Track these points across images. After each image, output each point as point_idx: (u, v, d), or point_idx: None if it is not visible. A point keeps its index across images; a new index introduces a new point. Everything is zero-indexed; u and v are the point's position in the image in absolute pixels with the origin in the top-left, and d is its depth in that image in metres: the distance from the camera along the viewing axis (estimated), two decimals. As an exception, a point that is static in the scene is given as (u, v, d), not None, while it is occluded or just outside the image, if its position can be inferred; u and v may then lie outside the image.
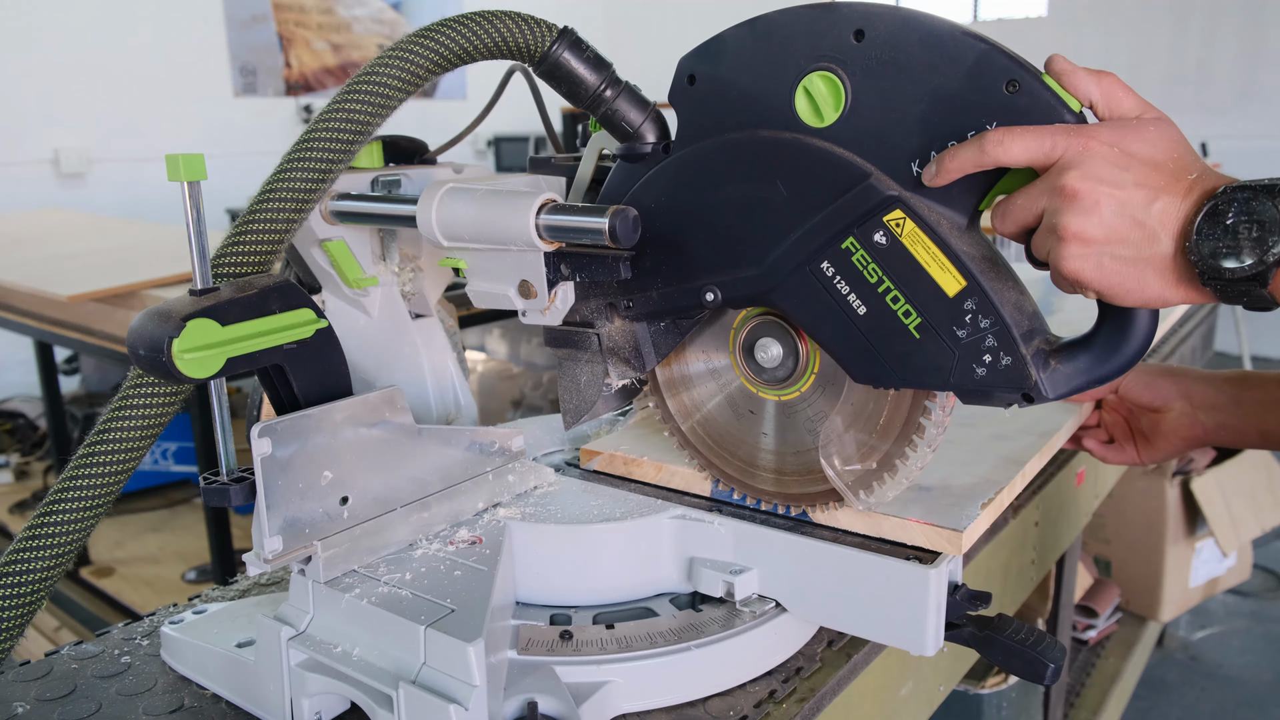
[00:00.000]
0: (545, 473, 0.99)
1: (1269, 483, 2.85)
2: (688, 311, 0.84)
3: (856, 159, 0.73)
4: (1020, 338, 0.70)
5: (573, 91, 0.83)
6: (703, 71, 0.80)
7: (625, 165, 0.85)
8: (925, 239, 0.71)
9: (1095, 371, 0.71)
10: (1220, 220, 0.64)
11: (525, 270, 0.83)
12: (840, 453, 0.82)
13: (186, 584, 2.88)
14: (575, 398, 0.92)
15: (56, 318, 2.56)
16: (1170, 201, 0.66)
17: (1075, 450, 1.44)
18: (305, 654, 0.77)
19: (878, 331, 0.75)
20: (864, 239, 0.73)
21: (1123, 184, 0.66)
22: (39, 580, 0.76)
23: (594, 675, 0.77)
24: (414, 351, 0.98)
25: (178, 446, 3.49)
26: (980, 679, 1.92)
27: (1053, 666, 0.79)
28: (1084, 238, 0.67)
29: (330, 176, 0.80)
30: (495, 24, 0.80)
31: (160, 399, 0.76)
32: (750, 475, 0.90)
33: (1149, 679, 2.97)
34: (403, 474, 0.85)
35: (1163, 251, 0.66)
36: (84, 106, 5.34)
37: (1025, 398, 0.72)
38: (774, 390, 0.88)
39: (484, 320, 2.83)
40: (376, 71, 0.79)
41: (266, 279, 0.76)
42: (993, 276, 0.71)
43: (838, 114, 0.74)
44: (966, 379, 0.72)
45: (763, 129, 0.77)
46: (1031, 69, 0.69)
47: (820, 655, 0.87)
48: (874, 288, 0.74)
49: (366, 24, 6.83)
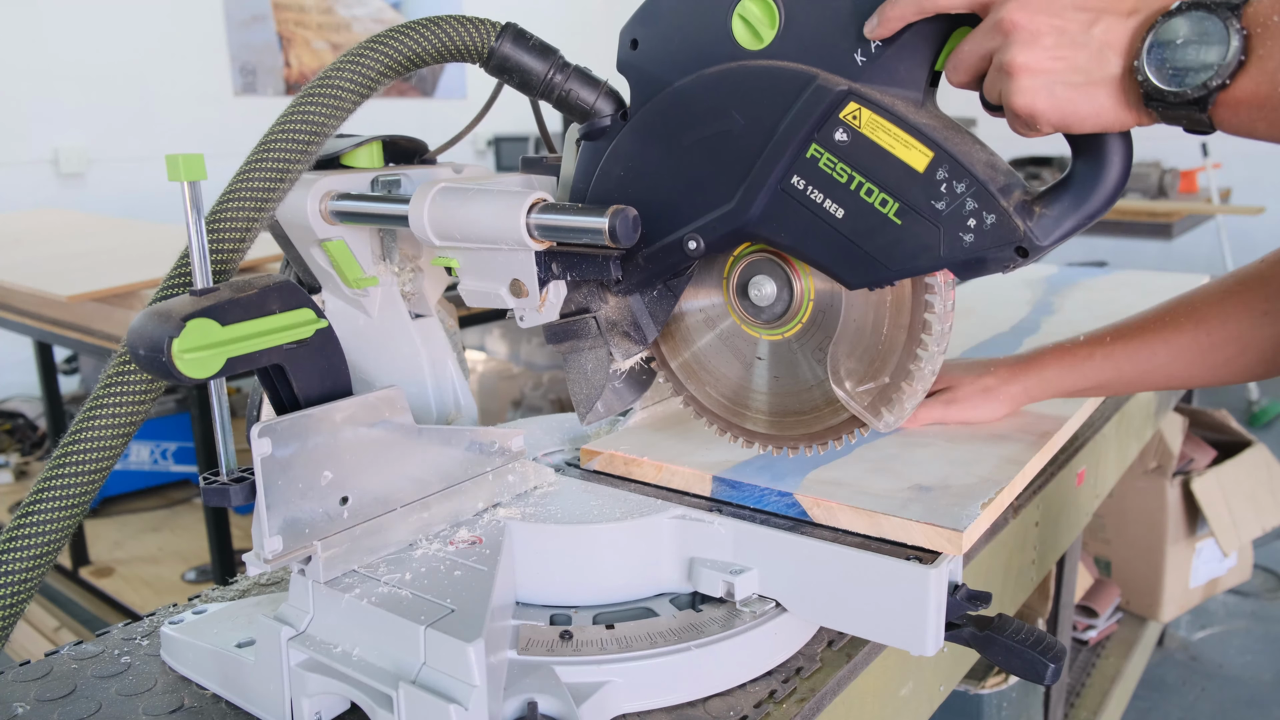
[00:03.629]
0: (545, 473, 0.99)
1: (1269, 483, 2.85)
2: (675, 267, 0.84)
3: (801, 66, 0.74)
4: (998, 193, 0.70)
5: (525, 82, 0.84)
6: (643, 33, 0.82)
7: (589, 144, 0.86)
8: (884, 122, 0.71)
9: (1081, 210, 0.70)
10: (1170, 37, 0.63)
11: (516, 269, 0.83)
12: (851, 375, 0.81)
13: (186, 584, 2.88)
14: (585, 386, 0.91)
15: (56, 318, 2.56)
16: (1113, 21, 0.65)
17: (1075, 450, 1.44)
18: (305, 654, 0.77)
19: (860, 229, 0.74)
20: (826, 141, 0.73)
21: (1060, 10, 0.65)
22: (22, 580, 0.77)
23: (594, 675, 0.77)
24: (414, 351, 0.98)
25: (178, 446, 3.49)
26: (980, 679, 1.92)
27: (1053, 666, 0.79)
28: (1031, 68, 0.66)
29: (289, 179, 0.82)
30: (441, 28, 0.83)
31: (134, 397, 0.78)
32: (775, 424, 0.90)
33: (1149, 679, 2.97)
34: (403, 474, 0.85)
35: (1111, 72, 0.65)
36: (84, 106, 5.33)
37: (1019, 251, 0.70)
38: (774, 330, 0.87)
39: (484, 320, 2.83)
40: (330, 78, 0.82)
41: (266, 279, 0.76)
42: (958, 141, 0.71)
43: (774, 30, 0.75)
44: (957, 250, 0.72)
45: (708, 67, 0.78)
46: None
47: (820, 655, 0.87)
48: (846, 186, 0.74)
49: (366, 24, 6.83)
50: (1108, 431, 1.60)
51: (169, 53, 5.70)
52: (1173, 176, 4.72)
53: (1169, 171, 4.70)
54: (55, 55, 5.20)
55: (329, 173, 0.92)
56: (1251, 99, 0.62)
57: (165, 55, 5.68)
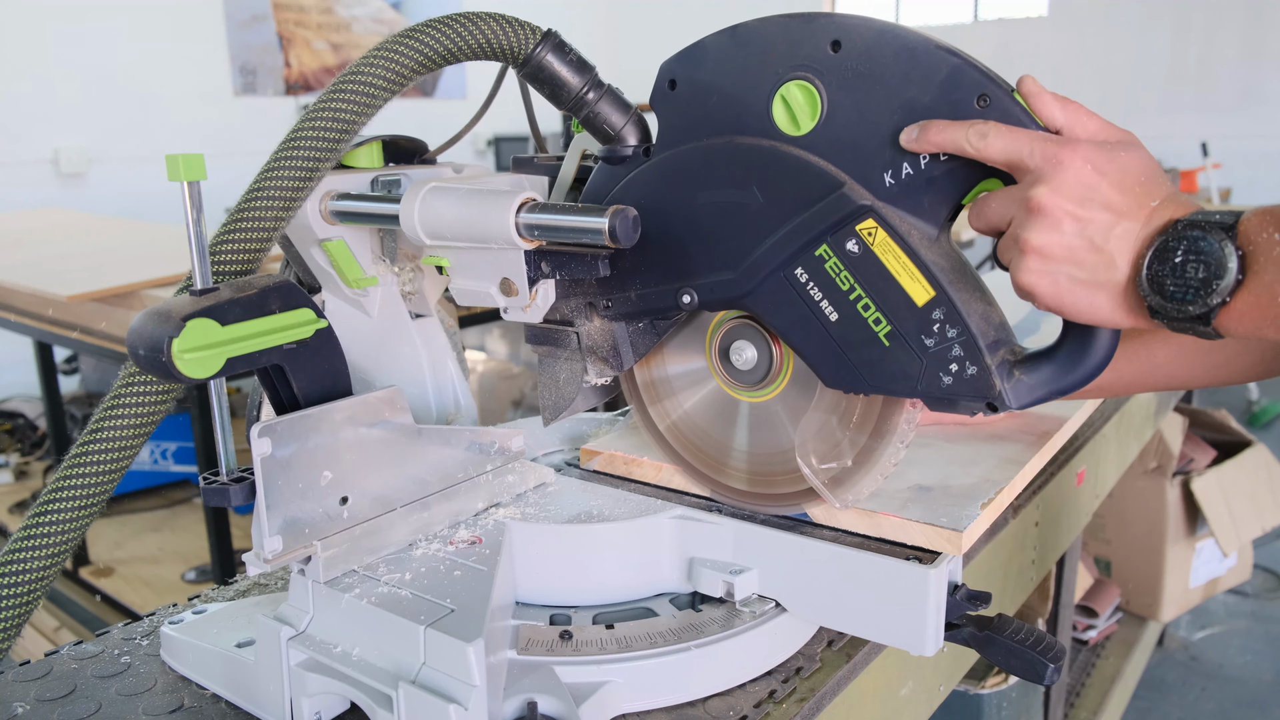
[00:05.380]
0: (545, 473, 0.99)
1: (1269, 483, 2.85)
2: (665, 313, 0.85)
3: (831, 168, 0.74)
4: (986, 348, 0.71)
5: (555, 93, 0.83)
6: (683, 76, 0.81)
7: (606, 167, 0.85)
8: (896, 248, 0.72)
9: (1058, 383, 0.72)
10: (1169, 258, 0.64)
11: (506, 268, 0.84)
12: (816, 450, 0.83)
13: (186, 584, 2.88)
14: (554, 394, 0.92)
15: (56, 318, 2.55)
16: (1130, 228, 0.66)
17: (1075, 450, 1.44)
18: (305, 654, 0.77)
19: (849, 338, 0.76)
20: (837, 247, 0.74)
21: (1089, 205, 0.66)
22: (35, 579, 0.76)
23: (594, 675, 0.77)
24: (414, 351, 0.98)
25: (178, 446, 3.49)
26: (980, 679, 1.92)
27: (1053, 666, 0.79)
28: (1044, 253, 0.67)
29: (317, 175, 0.80)
30: (480, 25, 0.81)
31: (152, 398, 0.77)
32: (726, 476, 0.91)
33: (1149, 679, 2.97)
34: (403, 474, 0.85)
35: (1117, 279, 0.66)
36: (84, 106, 5.34)
37: (989, 407, 0.73)
38: (750, 392, 0.88)
39: (484, 320, 2.83)
40: (362, 71, 0.80)
41: (266, 279, 0.76)
42: (961, 287, 0.72)
43: (814, 123, 0.75)
44: (933, 387, 0.74)
45: (741, 135, 0.78)
46: (1003, 85, 0.70)
47: (820, 655, 0.87)
48: (846, 295, 0.75)
49: (366, 24, 6.82)
50: (1107, 431, 1.60)
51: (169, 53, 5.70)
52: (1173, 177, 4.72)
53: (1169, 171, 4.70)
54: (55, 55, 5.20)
55: (330, 173, 0.92)
56: (1253, 310, 0.63)
57: (165, 55, 5.68)
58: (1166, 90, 6.99)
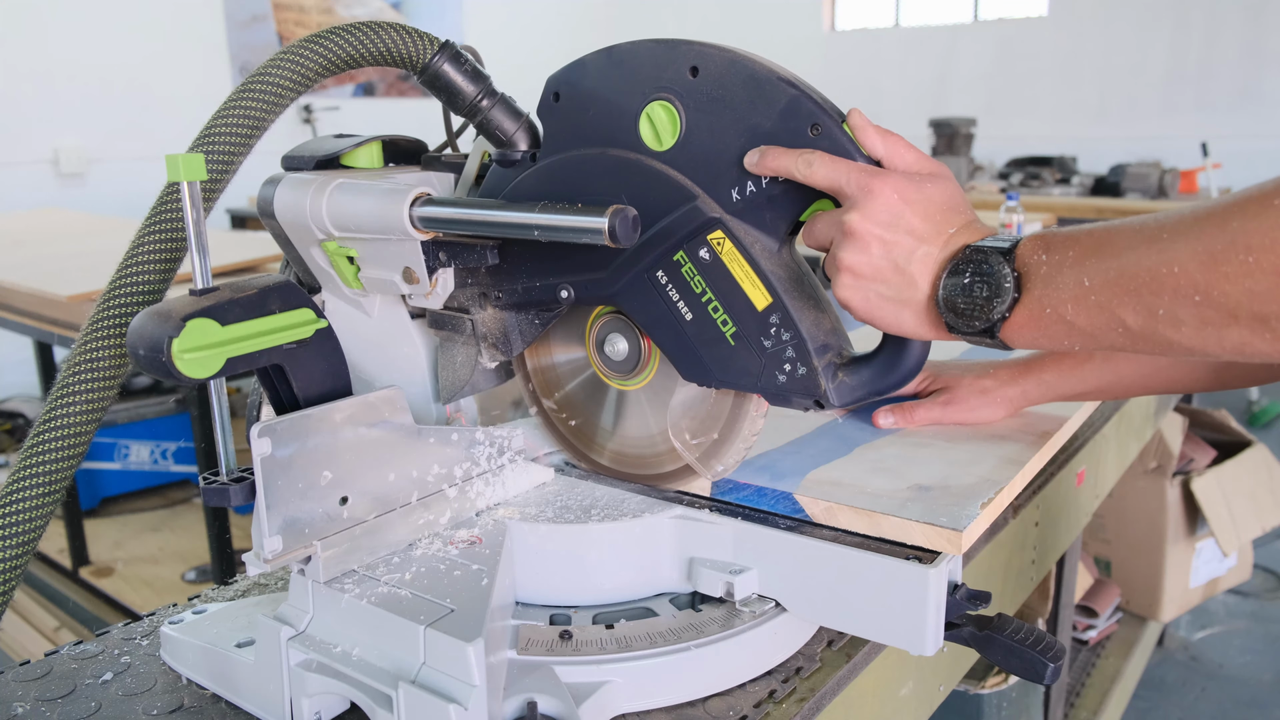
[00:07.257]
0: (545, 472, 0.99)
1: (1269, 483, 2.85)
2: (547, 305, 0.92)
3: (688, 182, 0.82)
4: (814, 351, 0.80)
5: (452, 100, 0.89)
6: (566, 90, 0.87)
7: (499, 169, 0.91)
8: (740, 258, 0.80)
9: (876, 384, 0.81)
10: (960, 279, 0.73)
11: (407, 258, 0.88)
12: (689, 428, 0.91)
13: (186, 584, 2.88)
14: (451, 375, 0.97)
15: (56, 318, 2.55)
16: (930, 251, 0.75)
17: (1075, 450, 1.44)
18: (305, 654, 0.77)
19: (701, 336, 0.84)
20: (691, 253, 0.82)
21: (895, 230, 0.74)
22: (7, 569, 0.79)
23: (594, 675, 0.77)
24: (414, 351, 0.98)
25: (178, 446, 3.49)
26: (980, 679, 1.92)
27: (1053, 666, 0.79)
28: (855, 272, 0.77)
29: (231, 170, 0.85)
30: (381, 34, 0.87)
31: (100, 383, 0.82)
32: (604, 457, 0.98)
33: (1149, 679, 2.97)
34: (403, 474, 0.85)
35: (919, 297, 0.75)
36: (84, 106, 5.34)
37: (816, 404, 0.82)
38: (624, 380, 0.95)
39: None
40: (270, 72, 0.86)
41: (266, 279, 0.76)
42: (795, 296, 0.80)
43: (674, 140, 0.82)
44: (770, 384, 0.83)
45: (613, 148, 0.85)
46: (835, 115, 0.77)
47: (820, 655, 0.88)
48: (699, 297, 0.83)
49: (366, 24, 6.82)
50: (1107, 431, 1.60)
51: (169, 53, 5.71)
52: (1173, 177, 4.71)
53: (1169, 172, 4.69)
54: (55, 55, 5.20)
55: (330, 173, 0.92)
56: (1028, 324, 0.72)
57: (165, 55, 5.69)
58: (1166, 90, 6.99)
